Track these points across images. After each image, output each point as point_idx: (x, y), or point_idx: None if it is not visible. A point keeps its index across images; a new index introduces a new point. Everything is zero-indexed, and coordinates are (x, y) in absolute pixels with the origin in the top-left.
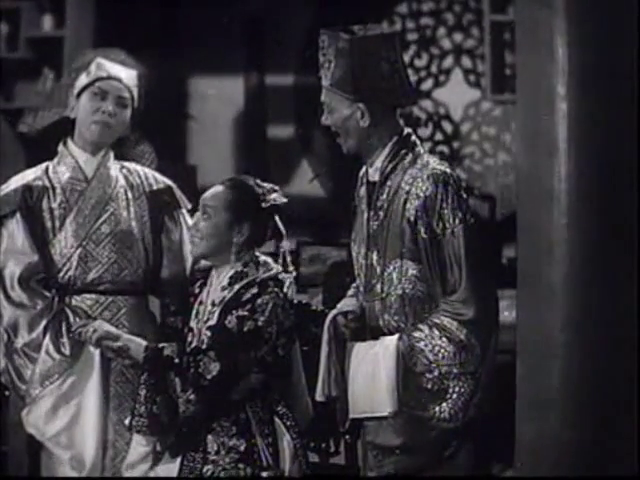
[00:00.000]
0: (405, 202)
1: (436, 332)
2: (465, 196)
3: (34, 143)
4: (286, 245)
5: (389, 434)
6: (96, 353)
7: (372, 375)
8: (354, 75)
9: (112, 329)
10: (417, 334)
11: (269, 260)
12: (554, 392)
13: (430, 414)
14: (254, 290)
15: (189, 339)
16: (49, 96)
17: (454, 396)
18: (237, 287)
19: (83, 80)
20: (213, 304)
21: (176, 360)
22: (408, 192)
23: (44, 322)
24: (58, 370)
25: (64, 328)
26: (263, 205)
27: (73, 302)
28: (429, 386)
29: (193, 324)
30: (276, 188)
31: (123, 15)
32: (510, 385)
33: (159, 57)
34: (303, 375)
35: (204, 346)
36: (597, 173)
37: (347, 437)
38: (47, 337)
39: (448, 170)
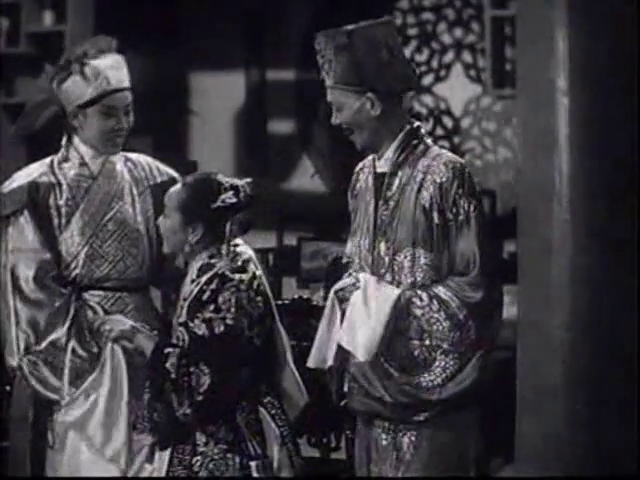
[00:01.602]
0: (419, 190)
1: (435, 304)
2: (478, 188)
3: (34, 140)
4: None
5: (371, 378)
6: (118, 348)
7: (363, 319)
8: (358, 66)
9: (127, 327)
10: (417, 301)
11: (240, 250)
12: (554, 389)
13: (408, 379)
14: (213, 286)
15: (179, 349)
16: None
17: (437, 370)
18: (202, 280)
19: (82, 89)
20: (184, 299)
21: (173, 375)
22: (422, 180)
23: (65, 322)
24: (88, 368)
25: (86, 326)
26: (212, 206)
27: (87, 297)
28: (416, 353)
29: (173, 319)
30: (236, 184)
31: (124, 10)
32: (511, 381)
33: (160, 52)
34: (294, 369)
35: (180, 343)
36: (598, 168)
37: (348, 432)
38: (72, 338)
39: (462, 161)
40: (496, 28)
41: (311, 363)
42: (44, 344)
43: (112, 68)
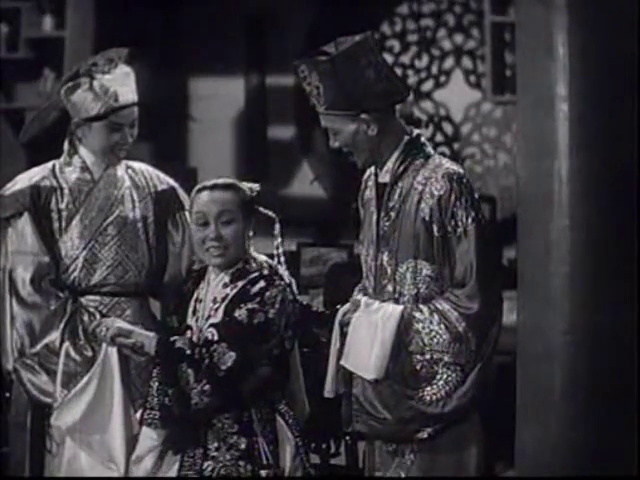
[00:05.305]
0: (419, 202)
1: (436, 317)
2: (477, 196)
3: (35, 144)
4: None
5: (372, 399)
6: (113, 350)
7: (369, 337)
8: (346, 91)
9: (124, 325)
10: (417, 314)
11: (265, 258)
12: (554, 394)
13: (411, 393)
14: (262, 284)
15: (189, 336)
16: (50, 99)
17: (440, 383)
18: (241, 284)
19: (90, 104)
20: (214, 301)
21: (188, 352)
22: (422, 192)
23: (60, 324)
24: (81, 371)
25: (80, 329)
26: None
27: (84, 302)
28: (418, 367)
29: (192, 322)
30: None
31: (123, 16)
32: (511, 386)
33: (159, 58)
34: (301, 373)
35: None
36: (598, 174)
37: (348, 438)
38: (66, 341)
39: (461, 170)
40: (496, 34)
41: (327, 393)
42: (39, 347)
43: (121, 84)
